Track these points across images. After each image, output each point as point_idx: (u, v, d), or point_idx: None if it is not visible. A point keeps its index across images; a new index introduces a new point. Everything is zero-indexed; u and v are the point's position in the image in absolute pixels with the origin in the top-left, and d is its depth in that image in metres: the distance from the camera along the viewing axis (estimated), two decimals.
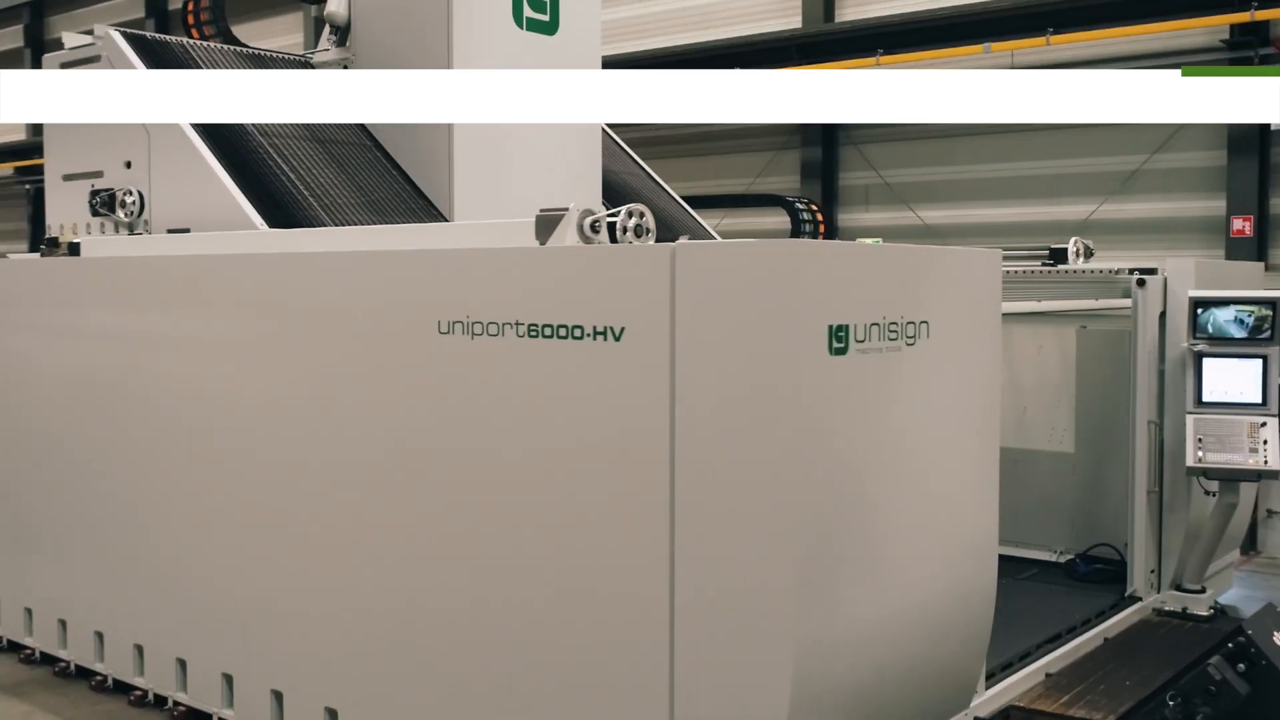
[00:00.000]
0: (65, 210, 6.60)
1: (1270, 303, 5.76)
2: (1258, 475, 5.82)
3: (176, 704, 5.16)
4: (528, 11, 6.69)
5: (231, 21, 7.38)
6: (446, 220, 6.26)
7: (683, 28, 12.97)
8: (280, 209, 5.73)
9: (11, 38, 22.39)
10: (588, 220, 3.99)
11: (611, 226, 4.02)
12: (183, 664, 5.15)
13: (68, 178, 6.62)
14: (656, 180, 8.61)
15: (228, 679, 4.96)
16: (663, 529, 3.57)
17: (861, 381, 3.57)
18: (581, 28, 6.97)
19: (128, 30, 6.41)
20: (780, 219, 10.61)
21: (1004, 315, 4.34)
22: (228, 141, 5.93)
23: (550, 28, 6.83)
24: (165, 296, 5.32)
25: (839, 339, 3.47)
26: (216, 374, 4.99)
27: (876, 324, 3.62)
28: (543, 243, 4.05)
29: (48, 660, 5.83)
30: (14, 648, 6.05)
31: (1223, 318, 5.87)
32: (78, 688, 5.57)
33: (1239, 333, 5.85)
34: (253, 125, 6.11)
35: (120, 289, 5.59)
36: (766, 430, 3.38)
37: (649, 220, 4.09)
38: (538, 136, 6.68)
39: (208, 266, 5.17)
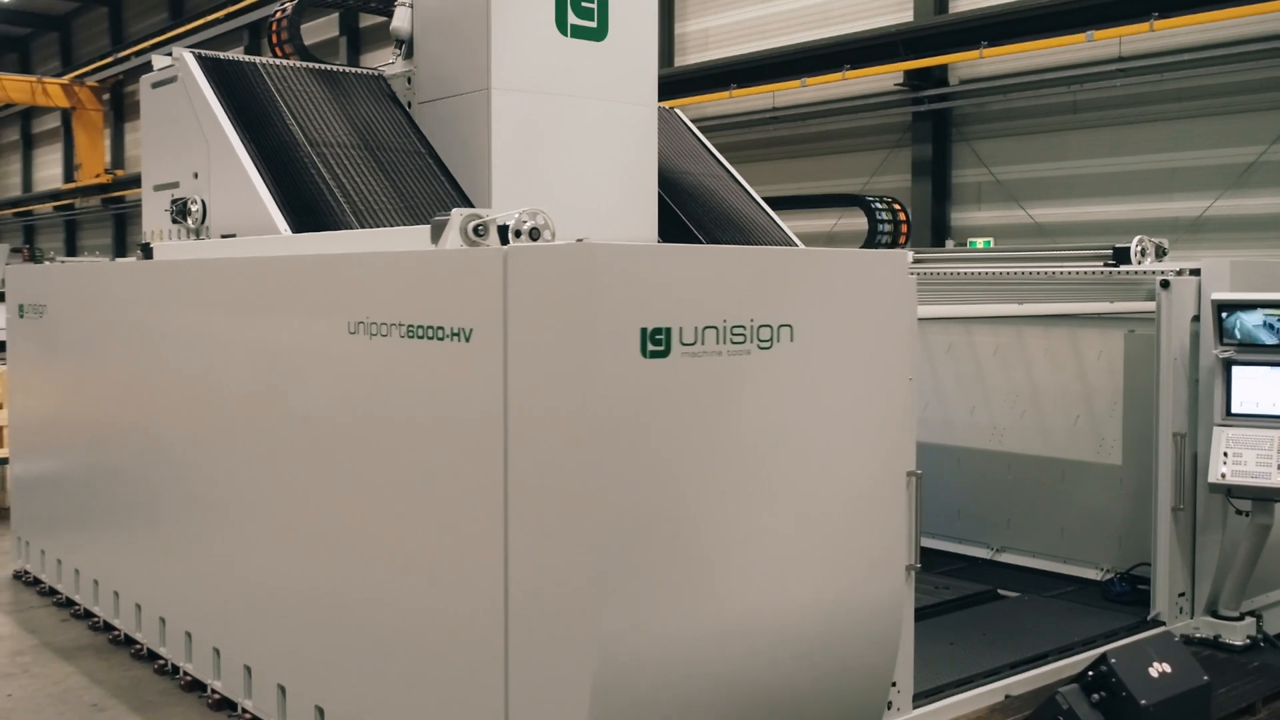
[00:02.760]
0: (155, 218, 7.30)
1: None
2: None
3: (184, 673, 5.65)
4: (572, 18, 6.74)
5: None
6: None
7: (803, 26, 12.83)
8: (312, 214, 6.13)
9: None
10: (471, 224, 4.13)
11: (504, 229, 4.15)
12: (189, 635, 5.63)
13: (156, 188, 7.32)
14: (739, 181, 8.58)
15: (216, 652, 5.40)
16: (499, 531, 3.69)
17: (689, 385, 3.54)
18: (634, 32, 6.89)
19: (201, 52, 7.02)
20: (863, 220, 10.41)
21: (1049, 318, 4.05)
22: (275, 152, 6.39)
23: (598, 34, 6.86)
24: (180, 297, 5.84)
25: (656, 342, 3.47)
26: (198, 371, 5.47)
27: (714, 327, 3.59)
28: (436, 245, 4.22)
29: (109, 628, 6.48)
30: (88, 614, 6.75)
31: (1250, 322, 5.38)
32: (121, 654, 6.18)
33: (1270, 339, 5.35)
34: (303, 135, 6.58)
35: (160, 289, 6.17)
36: (575, 433, 3.43)
37: (547, 222, 4.20)
38: (582, 144, 6.78)
39: (207, 270, 5.65)
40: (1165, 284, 5.63)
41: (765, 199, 8.34)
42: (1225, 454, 5.42)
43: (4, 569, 7.88)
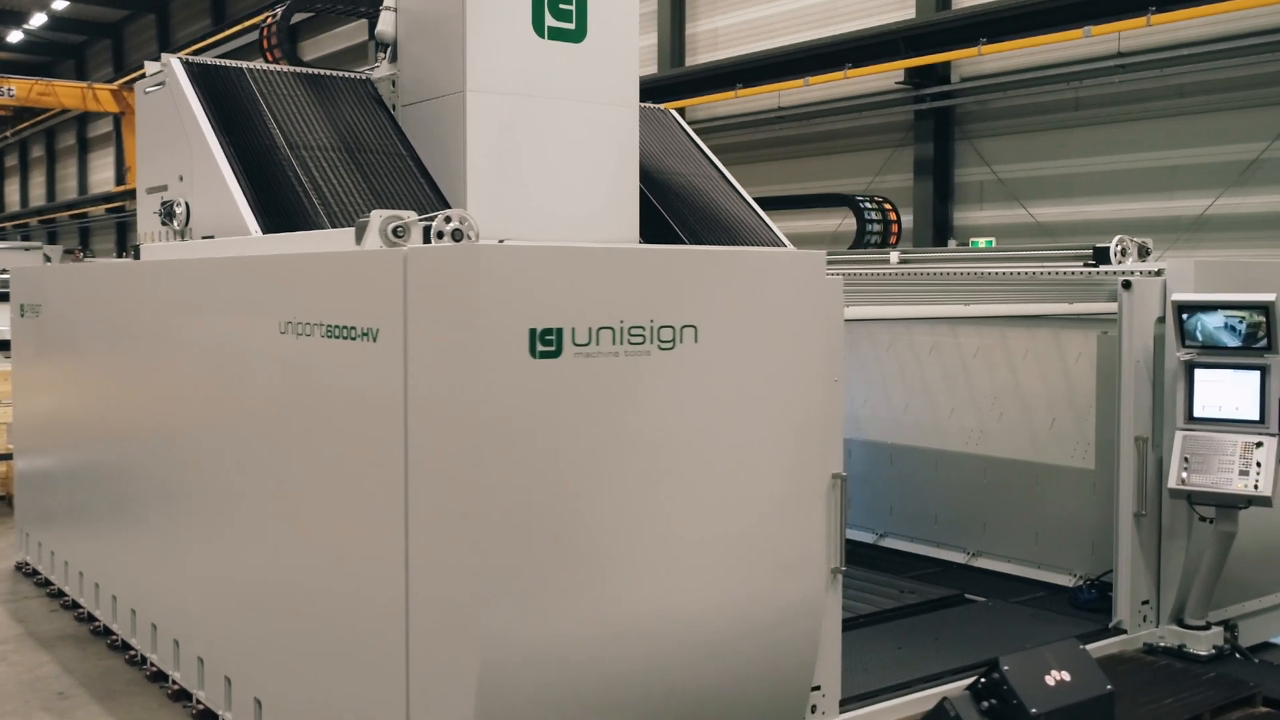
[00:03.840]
0: (148, 220, 7.47)
1: (1262, 307, 5.11)
2: (1246, 501, 5.18)
3: (151, 663, 5.77)
4: (550, 20, 6.76)
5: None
6: None
7: (810, 25, 12.78)
8: (285, 216, 6.24)
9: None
10: (390, 225, 4.18)
11: (427, 230, 4.20)
12: (154, 627, 5.76)
13: (149, 191, 7.49)
14: (730, 182, 8.57)
15: (176, 644, 5.52)
16: (401, 531, 3.73)
17: (583, 385, 3.56)
18: (614, 33, 6.91)
19: (188, 58, 7.17)
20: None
21: (1018, 319, 3.99)
22: (253, 155, 6.51)
23: (577, 35, 6.87)
24: (150, 298, 5.99)
25: (547, 342, 3.50)
26: (163, 370, 5.60)
27: (610, 328, 3.61)
28: (359, 246, 4.28)
29: (92, 619, 6.65)
30: (75, 606, 6.93)
31: (1211, 324, 5.26)
32: (99, 645, 6.34)
33: (1232, 341, 5.23)
34: (283, 139, 6.69)
35: (134, 290, 6.32)
36: (462, 433, 3.46)
37: (468, 224, 4.25)
38: (560, 146, 6.81)
39: (172, 271, 5.78)
40: (1127, 285, 5.53)
41: (757, 199, 8.32)
42: (1186, 459, 5.31)
43: (8, 560, 8.12)
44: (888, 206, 7.92)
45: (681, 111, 14.47)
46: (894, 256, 7.27)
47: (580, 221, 6.79)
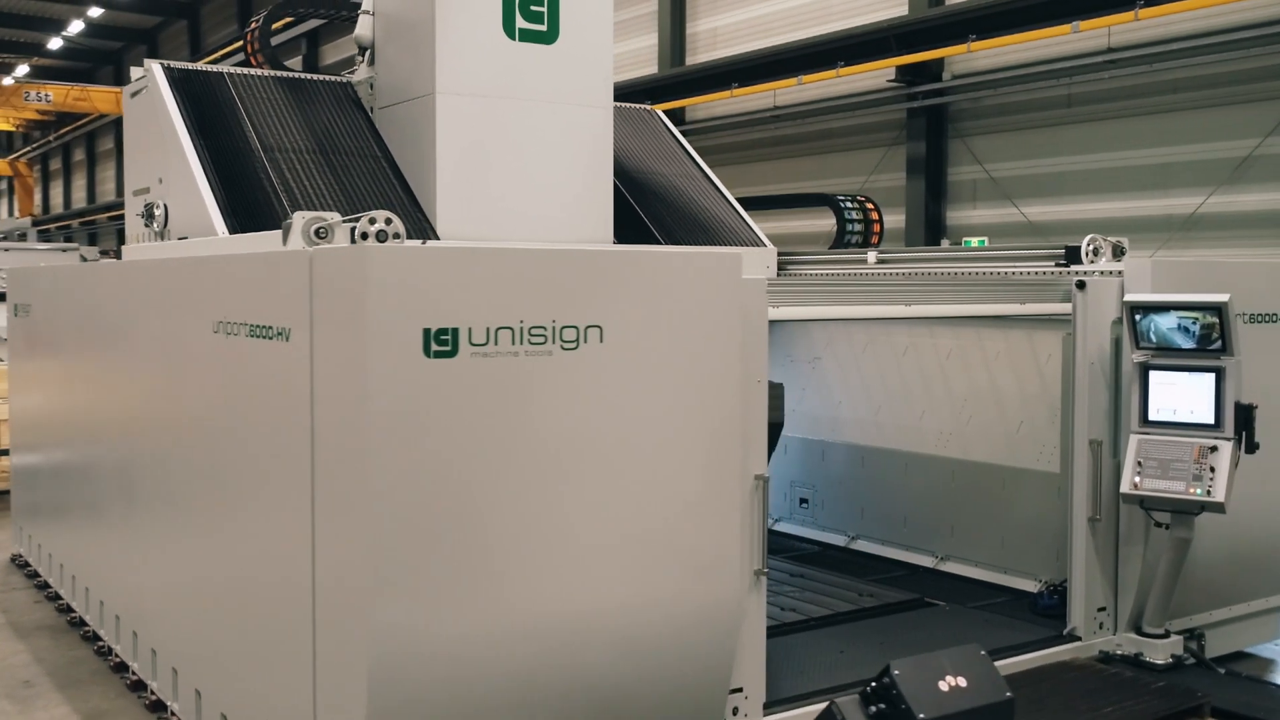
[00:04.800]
0: (134, 222, 7.62)
1: (1215, 308, 5.02)
2: (1199, 507, 5.09)
3: (115, 654, 5.89)
4: (521, 22, 6.78)
5: None
6: (431, 227, 6.65)
7: (807, 23, 12.75)
8: (254, 217, 6.33)
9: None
10: (313, 227, 4.23)
11: (352, 231, 4.24)
12: (118, 619, 5.88)
13: (135, 193, 7.64)
14: (714, 182, 8.57)
15: (135, 635, 5.62)
16: (309, 529, 3.78)
17: (480, 385, 3.58)
18: (586, 34, 6.91)
19: (169, 64, 7.30)
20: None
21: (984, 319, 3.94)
22: (227, 157, 6.62)
23: (549, 37, 6.90)
24: (118, 299, 6.11)
25: (441, 342, 3.53)
26: (125, 370, 5.71)
27: (509, 328, 3.63)
28: (285, 247, 4.33)
29: (70, 610, 6.79)
30: (58, 597, 7.08)
31: (1165, 325, 5.18)
32: (73, 636, 6.48)
33: (1186, 342, 5.14)
34: (258, 141, 6.79)
35: (106, 291, 6.45)
36: (357, 431, 3.50)
37: (394, 226, 4.28)
38: (531, 147, 6.84)
39: (137, 272, 5.89)
40: (1081, 285, 5.45)
41: (741, 199, 8.30)
42: (1139, 463, 5.23)
43: (4, 553, 8.31)
44: (870, 206, 7.85)
45: (681, 111, 14.56)
46: (872, 256, 7.23)
47: (552, 222, 6.81)
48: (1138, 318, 5.23)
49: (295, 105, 7.24)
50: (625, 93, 13.46)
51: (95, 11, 27.82)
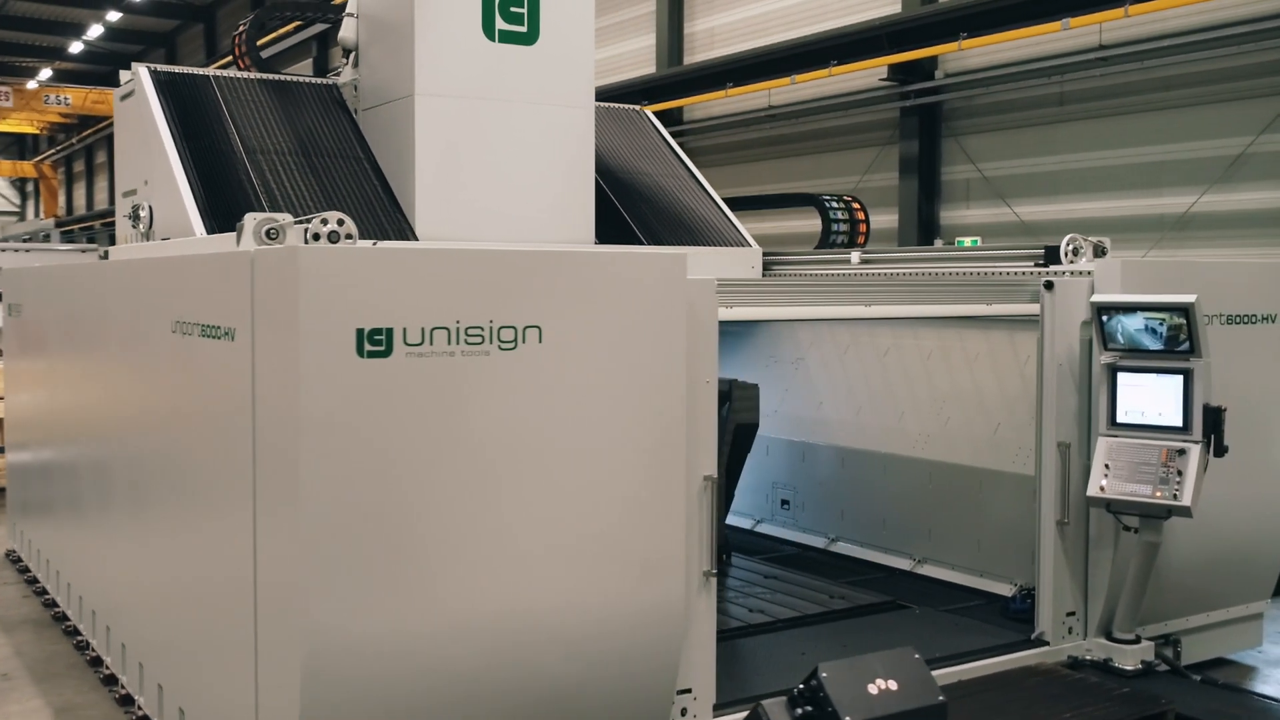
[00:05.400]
0: (123, 223, 7.71)
1: (1182, 309, 4.97)
2: (1166, 511, 5.03)
3: (92, 648, 5.95)
4: (500, 24, 6.80)
5: None
6: (410, 228, 6.68)
7: (802, 22, 12.76)
8: (232, 218, 6.38)
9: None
10: (264, 227, 4.26)
11: (305, 233, 4.27)
12: (94, 614, 5.94)
13: (124, 195, 7.72)
14: (700, 182, 8.56)
15: (108, 630, 5.69)
16: (250, 526, 3.82)
17: (415, 385, 3.60)
18: (567, 35, 6.92)
19: (155, 68, 7.37)
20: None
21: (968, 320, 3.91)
22: (209, 159, 6.68)
23: (529, 38, 6.91)
24: (93, 299, 6.17)
25: (375, 342, 3.54)
26: (100, 369, 5.76)
27: (445, 328, 3.65)
28: (239, 247, 4.37)
29: (55, 605, 6.87)
30: (45, 592, 7.16)
31: (1132, 326, 5.13)
32: (56, 630, 6.55)
33: (1153, 344, 5.09)
34: (240, 143, 6.85)
35: (83, 291, 6.52)
36: (292, 430, 3.52)
37: (346, 226, 4.30)
38: (512, 148, 6.85)
39: (108, 272, 5.96)
40: (1049, 285, 5.41)
41: (728, 199, 8.29)
42: (1106, 466, 5.18)
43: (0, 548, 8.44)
44: (856, 206, 7.82)
45: (680, 111, 14.55)
46: (855, 257, 7.20)
47: (532, 222, 6.84)
48: (1105, 319, 5.19)
49: (280, 108, 7.30)
50: (621, 93, 13.50)
51: (113, 16, 28.18)
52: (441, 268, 3.67)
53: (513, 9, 6.84)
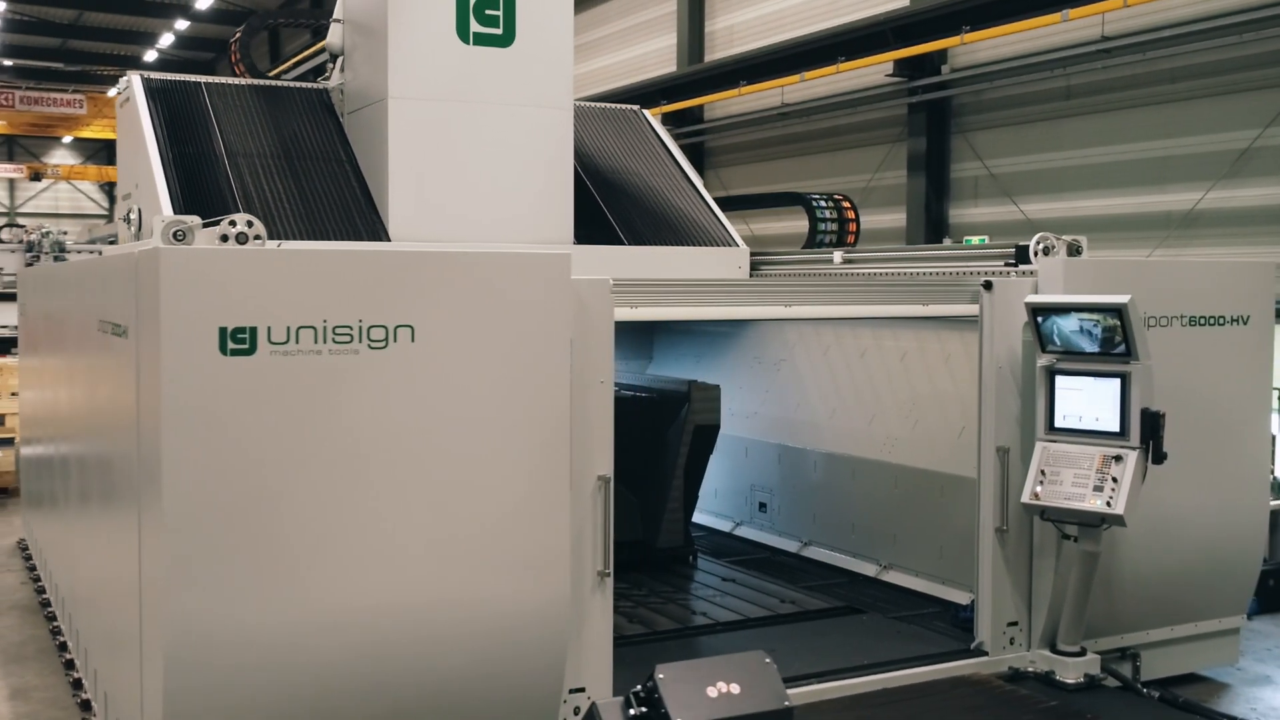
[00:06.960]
0: (120, 226, 7.96)
1: (1115, 310, 4.80)
2: (1100, 520, 4.87)
3: (61, 632, 6.17)
4: (475, 26, 6.83)
5: None
6: (385, 231, 6.79)
7: (817, 18, 12.63)
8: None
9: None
10: (172, 229, 4.36)
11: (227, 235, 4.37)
12: (63, 601, 6.15)
13: (122, 198, 7.98)
14: (692, 182, 8.52)
15: (69, 617, 5.88)
16: (135, 520, 3.92)
17: (280, 383, 3.66)
18: (544, 36, 6.92)
19: (148, 75, 7.59)
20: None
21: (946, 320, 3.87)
22: (192, 163, 6.87)
23: (504, 40, 6.93)
24: (67, 298, 6.37)
25: (239, 340, 3.62)
26: (74, 367, 5.96)
27: (311, 327, 3.70)
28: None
29: (44, 591, 7.13)
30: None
31: (1067, 328, 4.98)
32: (39, 615, 6.79)
33: (1090, 346, 4.93)
34: (224, 148, 7.03)
35: (63, 290, 6.73)
36: (157, 426, 3.62)
37: (255, 228, 4.39)
38: (487, 150, 6.90)
39: (74, 272, 6.15)
40: (988, 285, 5.27)
41: (717, 199, 8.24)
42: (1042, 472, 5.04)
43: (13, 538, 8.76)
44: (846, 205, 7.71)
45: (700, 110, 14.48)
46: (837, 256, 7.11)
47: (509, 224, 6.87)
48: (1040, 320, 5.04)
49: (268, 112, 7.45)
50: (642, 93, 13.49)
51: (182, 25, 29.03)
52: (307, 267, 3.73)
53: (488, 11, 6.88)
